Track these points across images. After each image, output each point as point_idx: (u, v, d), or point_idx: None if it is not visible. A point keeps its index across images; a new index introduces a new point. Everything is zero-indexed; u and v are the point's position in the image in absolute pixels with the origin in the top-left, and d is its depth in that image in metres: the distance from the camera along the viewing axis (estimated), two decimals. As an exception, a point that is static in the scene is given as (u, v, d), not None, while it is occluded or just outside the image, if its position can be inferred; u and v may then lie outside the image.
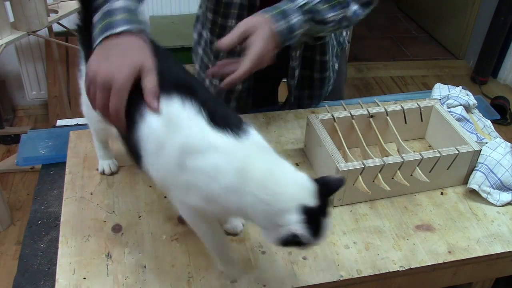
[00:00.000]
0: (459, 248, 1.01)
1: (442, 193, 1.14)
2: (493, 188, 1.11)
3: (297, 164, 1.19)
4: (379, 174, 1.06)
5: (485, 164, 1.12)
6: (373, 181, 1.07)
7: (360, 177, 1.05)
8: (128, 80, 0.80)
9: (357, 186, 1.06)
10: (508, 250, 1.02)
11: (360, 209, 1.08)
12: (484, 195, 1.11)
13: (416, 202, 1.11)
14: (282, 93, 1.48)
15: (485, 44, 3.37)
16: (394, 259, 0.98)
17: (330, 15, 1.07)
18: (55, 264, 0.94)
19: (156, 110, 0.80)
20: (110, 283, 0.91)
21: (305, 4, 1.04)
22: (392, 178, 1.08)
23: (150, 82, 0.81)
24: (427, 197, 1.13)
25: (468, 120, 1.26)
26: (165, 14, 2.81)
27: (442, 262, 0.98)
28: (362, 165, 1.04)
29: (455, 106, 1.28)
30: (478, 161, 1.13)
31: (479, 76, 3.44)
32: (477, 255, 1.00)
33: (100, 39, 0.84)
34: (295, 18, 1.02)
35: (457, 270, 1.03)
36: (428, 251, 1.00)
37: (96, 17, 0.87)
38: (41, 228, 1.06)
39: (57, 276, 0.91)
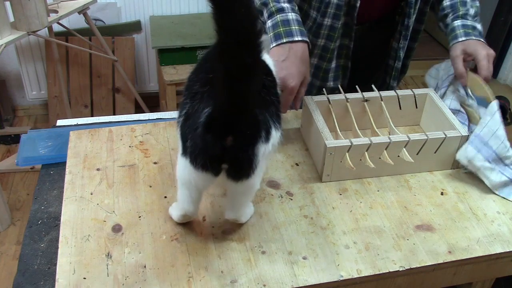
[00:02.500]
0: (459, 248, 1.01)
1: (442, 193, 1.14)
2: (489, 162, 1.12)
3: (297, 164, 1.19)
4: (366, 153, 1.11)
5: (480, 136, 1.14)
6: (360, 160, 1.12)
7: (347, 154, 1.10)
8: (296, 88, 1.09)
9: (343, 163, 1.11)
10: (508, 250, 1.02)
11: (360, 209, 1.08)
12: (473, 170, 1.14)
13: (416, 202, 1.11)
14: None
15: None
16: (394, 259, 0.98)
17: (478, 3, 1.31)
18: (55, 264, 0.94)
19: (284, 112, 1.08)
20: (110, 283, 0.91)
21: (472, 14, 1.28)
22: (379, 158, 1.12)
23: (302, 93, 1.14)
24: (427, 197, 1.13)
25: (460, 111, 1.26)
26: (165, 14, 2.81)
27: (442, 262, 0.98)
28: (350, 143, 1.09)
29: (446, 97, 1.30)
30: (473, 133, 1.16)
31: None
32: (477, 255, 1.00)
33: (280, 42, 1.10)
34: (479, 25, 1.28)
35: (457, 270, 1.03)
36: (428, 251, 1.00)
37: (270, 21, 1.12)
38: (41, 228, 1.06)
39: (57, 276, 0.91)
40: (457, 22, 1.26)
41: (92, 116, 2.85)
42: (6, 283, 2.02)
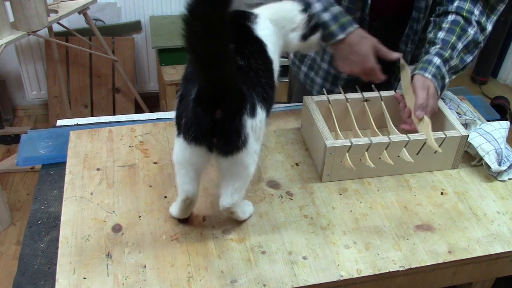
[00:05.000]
0: (459, 248, 1.01)
1: (442, 193, 1.14)
2: (495, 152, 1.16)
3: (297, 164, 1.19)
4: (366, 153, 1.11)
5: (488, 134, 1.19)
6: (360, 160, 1.11)
7: (347, 154, 1.10)
8: (374, 65, 1.18)
9: (343, 163, 1.11)
10: (508, 250, 1.02)
11: (360, 209, 1.08)
12: (482, 153, 1.17)
13: (416, 202, 1.11)
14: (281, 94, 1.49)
15: (485, 44, 3.36)
16: (394, 259, 0.98)
17: (469, 60, 1.27)
18: (55, 264, 0.94)
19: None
20: (110, 283, 0.91)
21: (452, 64, 1.23)
22: (379, 158, 1.12)
23: (385, 51, 1.20)
24: (427, 197, 1.13)
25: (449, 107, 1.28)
26: (165, 14, 2.81)
27: (442, 262, 0.98)
28: (349, 143, 1.09)
29: None
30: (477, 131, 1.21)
31: (479, 76, 3.44)
32: (477, 255, 1.00)
33: (348, 31, 1.17)
34: (444, 75, 1.22)
35: (457, 270, 1.03)
36: (428, 251, 1.00)
37: (325, 16, 1.17)
38: (41, 228, 1.06)
39: (57, 276, 0.91)
40: (436, 60, 1.20)
41: (92, 116, 2.85)
42: (6, 283, 2.02)
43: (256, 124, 0.91)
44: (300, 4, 1.17)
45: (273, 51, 1.04)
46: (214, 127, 0.85)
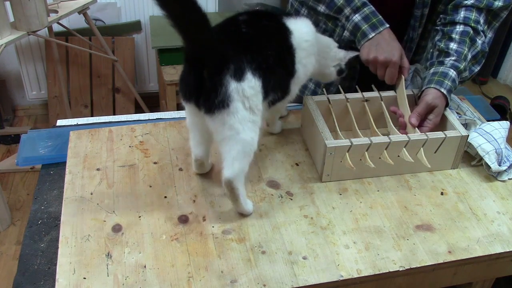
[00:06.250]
0: (459, 248, 1.01)
1: (442, 193, 1.14)
2: (495, 152, 1.16)
3: (297, 164, 1.19)
4: (366, 153, 1.11)
5: (488, 134, 1.19)
6: (360, 160, 1.12)
7: (347, 154, 1.10)
8: (400, 60, 1.20)
9: (344, 163, 1.11)
10: (508, 250, 1.02)
11: (360, 209, 1.08)
12: (482, 153, 1.17)
13: (416, 202, 1.11)
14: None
15: (485, 44, 3.37)
16: (394, 259, 0.98)
17: (476, 70, 1.28)
18: (55, 264, 0.94)
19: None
20: (110, 283, 0.91)
21: (463, 76, 1.24)
22: (379, 158, 1.12)
23: (405, 63, 1.23)
24: (427, 197, 1.13)
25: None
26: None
27: (442, 262, 0.98)
28: (350, 142, 1.09)
29: None
30: (477, 131, 1.21)
31: (479, 76, 3.44)
32: (477, 255, 1.00)
33: (378, 31, 1.20)
34: (456, 87, 1.23)
35: (457, 270, 1.03)
36: (428, 251, 1.00)
37: (357, 17, 1.22)
38: (41, 228, 1.06)
39: (57, 276, 0.91)
40: (452, 74, 1.20)
41: (92, 116, 2.85)
42: (6, 283, 2.02)
43: (244, 89, 0.95)
44: (330, 10, 1.24)
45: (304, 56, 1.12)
46: (201, 86, 0.94)
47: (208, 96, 0.94)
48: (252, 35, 1.02)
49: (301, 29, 1.11)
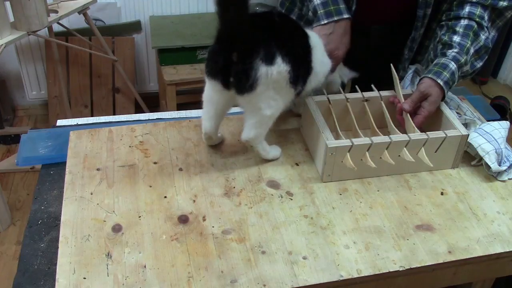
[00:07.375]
0: (459, 248, 1.01)
1: (442, 193, 1.14)
2: (495, 152, 1.16)
3: (297, 164, 1.19)
4: (366, 153, 1.11)
5: (488, 134, 1.19)
6: (361, 160, 1.12)
7: (348, 154, 1.10)
8: (342, 57, 1.23)
9: (345, 163, 1.11)
10: (508, 250, 1.02)
11: (360, 209, 1.08)
12: (482, 153, 1.16)
13: (416, 202, 1.11)
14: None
15: (485, 44, 3.37)
16: (394, 259, 0.98)
17: (478, 66, 1.28)
18: (55, 264, 0.94)
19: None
20: (110, 283, 0.91)
21: (464, 70, 1.24)
22: (380, 158, 1.13)
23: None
24: (427, 197, 1.13)
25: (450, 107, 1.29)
26: (165, 14, 2.81)
27: (442, 262, 0.98)
28: (350, 142, 1.09)
29: None
30: (477, 131, 1.21)
31: (479, 76, 3.43)
32: (477, 255, 1.00)
33: (331, 19, 1.20)
34: (456, 80, 1.22)
35: (457, 270, 1.03)
36: (428, 251, 1.00)
37: (317, 0, 1.21)
38: (41, 228, 1.06)
39: (57, 276, 0.91)
40: (452, 66, 1.20)
41: (92, 116, 2.85)
42: (6, 283, 2.02)
43: (273, 73, 1.00)
44: None
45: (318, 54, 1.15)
46: (230, 67, 0.99)
47: (239, 79, 0.99)
48: (281, 25, 1.08)
49: (314, 35, 1.16)
